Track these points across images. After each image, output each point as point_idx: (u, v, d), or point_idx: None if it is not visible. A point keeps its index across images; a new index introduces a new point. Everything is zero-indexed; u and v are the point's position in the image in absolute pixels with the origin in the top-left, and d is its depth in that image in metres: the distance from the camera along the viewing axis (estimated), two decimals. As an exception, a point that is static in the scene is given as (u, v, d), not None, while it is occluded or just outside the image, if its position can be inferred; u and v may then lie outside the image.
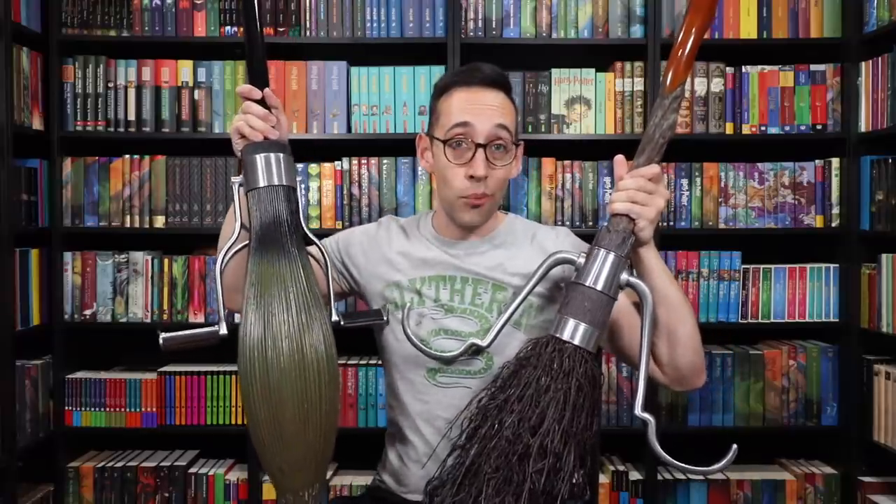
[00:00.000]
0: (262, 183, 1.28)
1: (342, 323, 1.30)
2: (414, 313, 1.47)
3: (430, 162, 1.50)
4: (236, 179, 1.33)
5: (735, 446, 1.25)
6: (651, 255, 1.32)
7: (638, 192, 1.27)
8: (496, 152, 1.42)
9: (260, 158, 1.29)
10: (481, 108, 1.41)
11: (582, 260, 1.30)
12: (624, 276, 1.28)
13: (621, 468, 2.69)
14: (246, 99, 1.35)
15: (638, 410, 1.26)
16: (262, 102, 1.35)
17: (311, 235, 1.33)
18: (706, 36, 2.79)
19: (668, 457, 1.25)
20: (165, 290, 2.68)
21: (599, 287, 1.26)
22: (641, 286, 1.29)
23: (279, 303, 1.20)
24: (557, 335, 1.26)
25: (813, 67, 2.70)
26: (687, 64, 1.32)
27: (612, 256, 1.26)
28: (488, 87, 1.44)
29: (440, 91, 1.47)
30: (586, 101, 2.69)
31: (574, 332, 1.26)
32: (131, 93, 2.67)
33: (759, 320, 2.71)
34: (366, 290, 1.55)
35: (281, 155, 1.31)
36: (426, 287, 1.47)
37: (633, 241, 1.28)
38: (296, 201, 1.30)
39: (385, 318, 1.42)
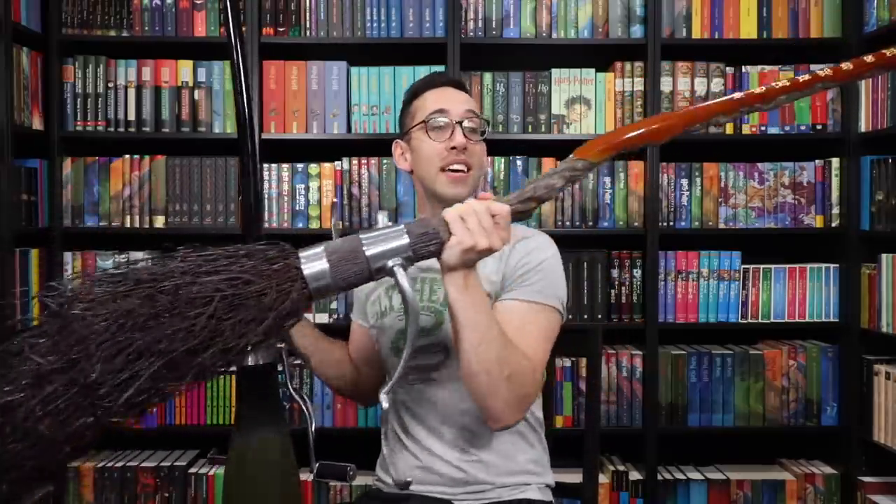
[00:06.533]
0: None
1: (312, 476, 1.35)
2: (387, 318, 1.59)
3: (408, 160, 1.59)
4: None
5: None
6: (452, 282, 1.23)
7: (474, 216, 1.19)
8: (471, 133, 1.53)
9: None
10: (453, 98, 1.56)
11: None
12: (392, 263, 1.16)
13: (621, 468, 2.69)
14: None
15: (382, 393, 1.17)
16: None
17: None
18: (706, 35, 2.79)
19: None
20: (165, 290, 2.68)
21: (368, 252, 1.15)
22: (404, 290, 1.16)
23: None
24: (301, 255, 1.14)
25: (813, 67, 2.70)
26: (609, 147, 1.33)
27: (404, 241, 1.17)
28: (453, 87, 1.59)
29: (412, 95, 1.60)
30: (586, 101, 2.69)
31: (312, 261, 1.13)
32: (131, 93, 2.67)
33: (759, 320, 2.71)
34: (364, 311, 1.68)
35: None
36: (396, 293, 1.57)
37: (436, 251, 1.20)
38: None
39: (348, 480, 1.37)
